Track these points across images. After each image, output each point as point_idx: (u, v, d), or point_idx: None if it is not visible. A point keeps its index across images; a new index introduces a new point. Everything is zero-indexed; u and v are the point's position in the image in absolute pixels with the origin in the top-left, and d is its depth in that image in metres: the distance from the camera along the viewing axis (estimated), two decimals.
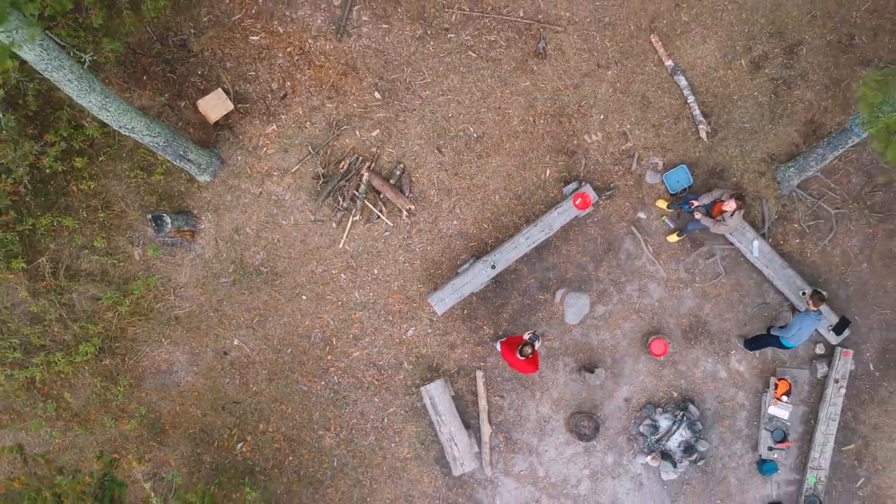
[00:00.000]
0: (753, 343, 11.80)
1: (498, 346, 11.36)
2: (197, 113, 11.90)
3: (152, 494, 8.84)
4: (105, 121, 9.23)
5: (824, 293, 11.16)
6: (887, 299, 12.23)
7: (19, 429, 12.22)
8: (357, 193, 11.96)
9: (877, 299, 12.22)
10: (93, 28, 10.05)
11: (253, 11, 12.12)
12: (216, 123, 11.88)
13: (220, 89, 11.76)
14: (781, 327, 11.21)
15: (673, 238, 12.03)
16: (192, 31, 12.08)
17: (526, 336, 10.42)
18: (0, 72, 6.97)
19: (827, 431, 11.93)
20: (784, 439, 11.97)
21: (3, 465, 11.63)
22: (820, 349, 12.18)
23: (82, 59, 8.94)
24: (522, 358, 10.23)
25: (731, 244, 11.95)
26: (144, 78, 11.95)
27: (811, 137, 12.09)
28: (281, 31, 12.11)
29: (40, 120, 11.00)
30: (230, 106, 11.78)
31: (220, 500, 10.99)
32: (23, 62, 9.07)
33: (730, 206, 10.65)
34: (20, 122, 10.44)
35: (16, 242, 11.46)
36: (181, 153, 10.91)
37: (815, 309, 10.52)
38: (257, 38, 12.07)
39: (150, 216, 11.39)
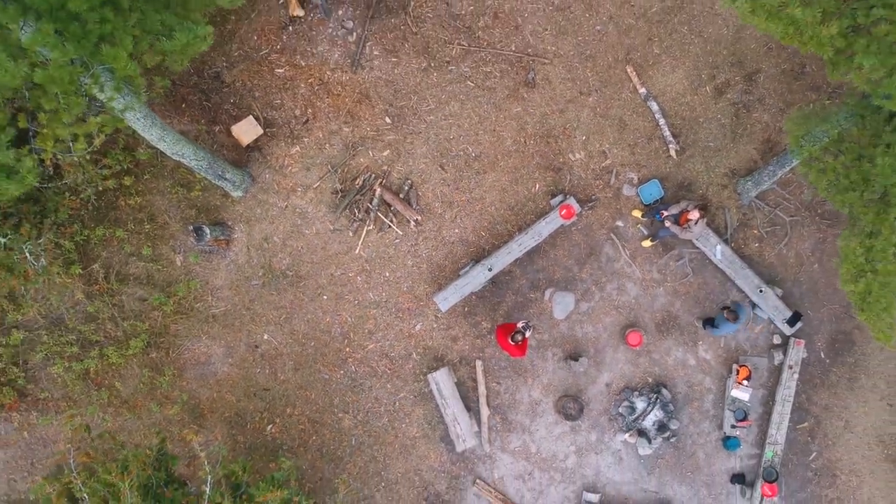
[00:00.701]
0: (706, 324, 13.61)
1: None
2: (230, 137, 13.61)
3: (206, 462, 10.53)
4: (161, 149, 10.94)
5: (737, 307, 12.91)
6: (836, 296, 13.94)
7: (75, 414, 13.92)
8: (371, 206, 13.67)
9: (826, 296, 13.94)
10: (147, 67, 11.75)
11: (278, 47, 13.83)
12: (248, 146, 13.59)
13: (251, 116, 13.48)
14: (714, 325, 13.13)
15: (647, 243, 13.75)
16: (224, 64, 13.78)
17: (519, 325, 12.15)
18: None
19: (783, 411, 13.65)
20: (745, 418, 13.69)
21: (73, 441, 13.30)
22: (777, 339, 13.91)
23: (140, 97, 10.62)
24: (513, 343, 11.96)
25: (698, 248, 13.67)
26: (183, 106, 13.66)
27: (768, 154, 13.81)
28: (303, 64, 13.82)
29: (101, 146, 12.70)
30: (260, 131, 13.49)
31: (256, 471, 12.67)
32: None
33: (694, 215, 12.38)
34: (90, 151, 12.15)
35: (73, 251, 13.17)
36: (220, 173, 12.62)
37: (733, 322, 12.46)
38: (282, 70, 13.78)
39: (191, 227, 13.12)
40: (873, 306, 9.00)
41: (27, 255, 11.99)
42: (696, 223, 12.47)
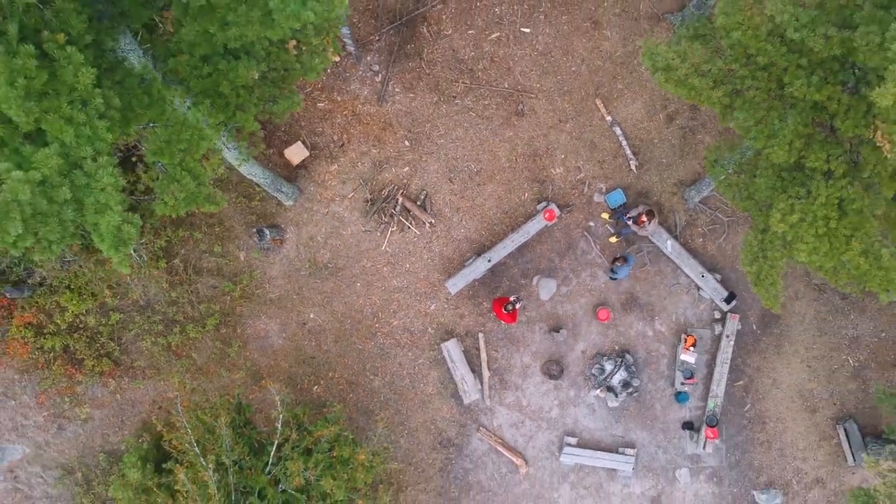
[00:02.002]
0: (611, 273, 17.10)
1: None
2: (283, 158, 17.18)
3: (278, 402, 14.09)
4: (243, 172, 14.50)
5: (626, 256, 16.58)
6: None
7: (159, 380, 17.51)
8: (394, 211, 17.25)
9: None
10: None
11: (319, 85, 17.40)
12: (297, 165, 17.16)
13: (299, 141, 17.06)
14: (614, 271, 16.72)
15: (613, 239, 17.35)
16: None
17: (511, 298, 15.77)
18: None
19: (722, 371, 17.27)
20: (691, 377, 17.32)
21: (179, 390, 16.79)
22: (717, 314, 17.53)
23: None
24: (506, 312, 15.61)
25: (653, 243, 17.28)
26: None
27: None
28: (339, 99, 17.40)
29: None
30: (306, 153, 17.06)
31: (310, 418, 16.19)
32: None
33: (643, 217, 16.01)
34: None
35: (160, 249, 16.73)
36: (277, 187, 16.20)
37: (623, 265, 16.34)
38: (323, 104, 17.36)
39: (254, 230, 16.70)
40: (764, 282, 12.59)
41: (132, 252, 15.53)
42: (649, 223, 16.09)
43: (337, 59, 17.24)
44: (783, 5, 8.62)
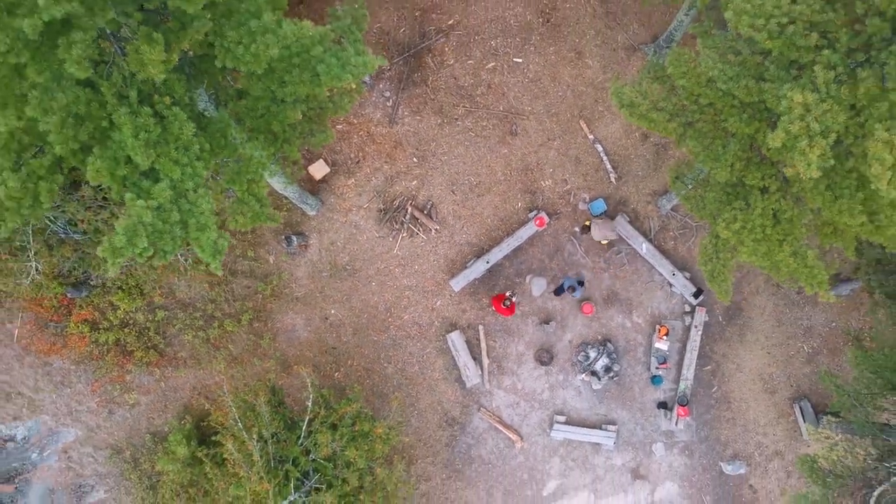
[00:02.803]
0: (556, 292, 19.53)
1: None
2: (307, 173, 19.65)
3: (308, 384, 16.55)
4: (276, 189, 16.96)
5: (572, 284, 19.03)
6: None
7: (199, 369, 19.97)
8: (404, 219, 19.73)
9: None
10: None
11: None
12: (319, 180, 19.64)
13: (321, 159, 19.53)
14: (557, 293, 19.22)
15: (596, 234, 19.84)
16: None
17: (507, 293, 18.27)
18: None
19: (691, 357, 19.76)
20: (665, 362, 19.80)
21: (226, 375, 19.22)
22: (687, 308, 20.01)
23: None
24: (504, 306, 18.10)
25: (631, 246, 19.77)
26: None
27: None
28: (355, 122, 19.87)
29: None
30: (327, 169, 19.54)
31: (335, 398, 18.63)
32: None
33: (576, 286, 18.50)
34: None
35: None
36: (303, 200, 18.68)
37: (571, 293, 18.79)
38: (341, 126, 19.84)
39: (283, 237, 19.18)
40: (717, 279, 15.08)
41: (179, 257, 18.00)
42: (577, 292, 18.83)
43: (353, 87, 19.72)
44: (713, 63, 11.09)
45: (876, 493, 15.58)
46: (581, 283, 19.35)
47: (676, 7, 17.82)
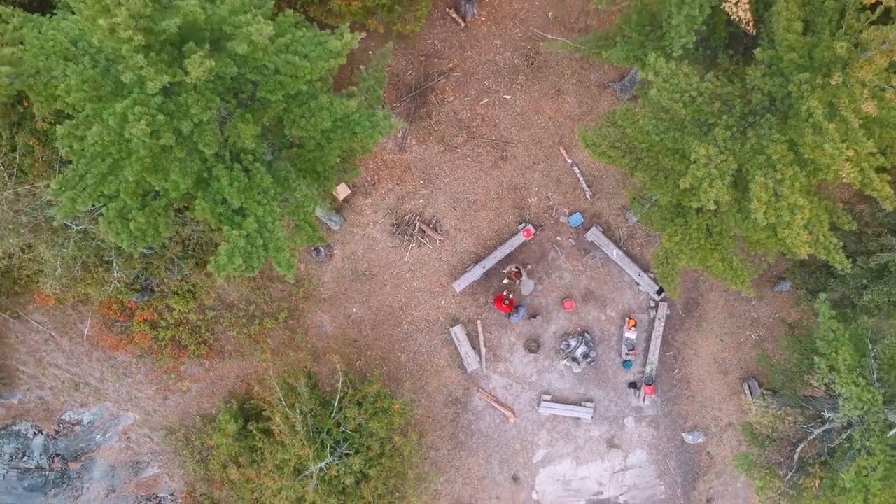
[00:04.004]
0: (510, 316, 23.31)
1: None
2: (331, 194, 23.41)
3: (339, 369, 20.30)
4: (317, 215, 20.72)
5: (517, 306, 22.79)
6: (687, 278, 23.82)
7: (242, 360, 23.73)
8: (413, 232, 23.50)
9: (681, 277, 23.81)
10: None
11: None
12: (342, 200, 23.42)
13: (343, 183, 23.30)
14: (509, 316, 22.95)
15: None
16: None
17: (504, 293, 22.10)
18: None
19: (656, 345, 23.56)
20: (633, 349, 23.60)
21: (271, 363, 22.97)
22: (651, 303, 23.81)
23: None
24: (505, 304, 21.95)
25: (603, 252, 23.55)
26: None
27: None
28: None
29: None
30: (349, 191, 23.31)
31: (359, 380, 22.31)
32: None
33: (515, 272, 22.28)
34: None
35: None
36: (329, 217, 22.46)
37: (516, 315, 22.47)
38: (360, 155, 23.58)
39: (312, 248, 22.95)
40: (667, 279, 18.88)
41: None
42: (519, 279, 22.43)
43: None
44: (649, 119, 14.87)
45: (798, 449, 19.37)
46: (520, 273, 23.02)
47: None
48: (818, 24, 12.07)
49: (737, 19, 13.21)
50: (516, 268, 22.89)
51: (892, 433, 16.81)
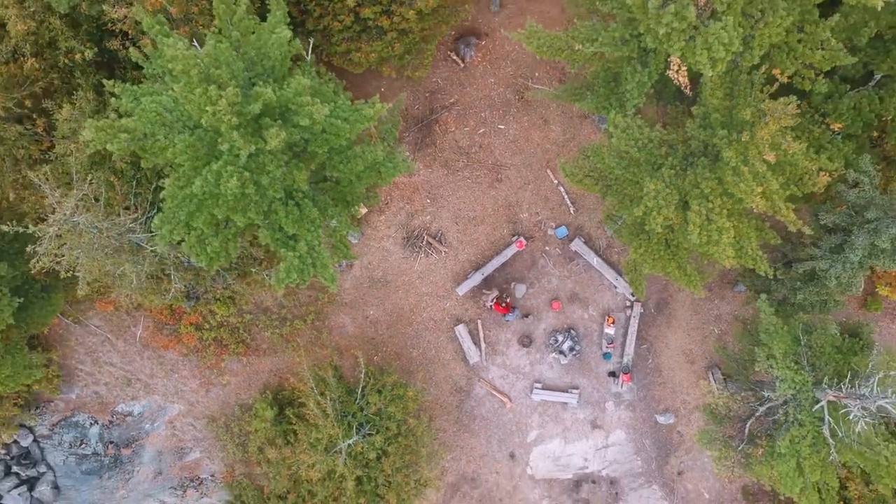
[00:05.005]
0: (506, 316, 27.15)
1: (490, 304, 26.69)
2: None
3: (362, 363, 24.05)
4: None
5: (512, 310, 26.62)
6: (658, 281, 27.64)
7: (275, 356, 27.52)
8: (422, 244, 27.30)
9: (654, 281, 27.66)
10: None
11: None
12: (359, 217, 27.19)
13: (361, 202, 27.06)
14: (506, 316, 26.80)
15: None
16: None
17: (503, 296, 25.93)
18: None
19: (631, 339, 27.38)
20: (612, 343, 27.44)
21: (303, 356, 26.76)
22: (628, 303, 27.64)
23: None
24: (503, 306, 25.77)
25: (586, 259, 27.37)
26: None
27: None
28: None
29: None
30: (366, 209, 27.09)
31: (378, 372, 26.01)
32: None
33: (498, 302, 26.13)
34: None
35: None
36: (351, 234, 26.23)
37: (511, 313, 26.23)
38: None
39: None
40: (634, 284, 22.70)
41: (265, 278, 25.50)
42: (508, 311, 26.23)
43: None
44: (612, 157, 18.64)
45: (748, 425, 23.19)
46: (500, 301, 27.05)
47: None
48: (735, 92, 15.88)
49: (678, 83, 16.99)
50: (497, 296, 26.78)
51: (817, 407, 20.64)
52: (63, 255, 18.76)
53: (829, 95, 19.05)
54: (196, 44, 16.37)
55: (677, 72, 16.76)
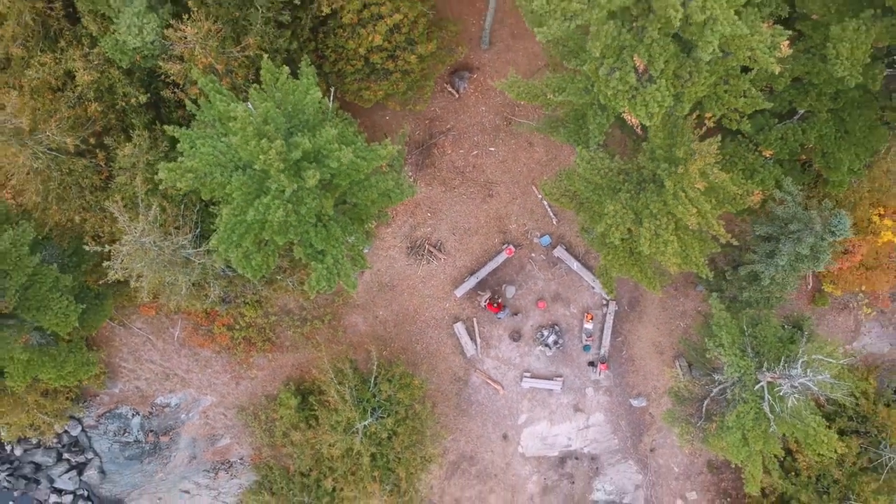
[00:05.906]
0: (497, 314, 31.17)
1: (484, 304, 30.73)
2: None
3: (374, 356, 27.97)
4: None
5: (504, 311, 30.66)
6: (630, 283, 31.64)
7: (297, 352, 31.51)
8: (423, 253, 31.27)
9: (625, 282, 31.68)
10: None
11: None
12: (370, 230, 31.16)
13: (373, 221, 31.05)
14: (498, 315, 30.83)
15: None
16: None
17: (496, 297, 29.96)
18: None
19: (607, 332, 31.39)
20: (591, 336, 31.45)
21: (324, 352, 30.77)
22: (604, 301, 31.64)
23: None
24: (495, 306, 29.78)
25: (566, 263, 31.36)
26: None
27: None
28: None
29: None
30: (374, 223, 31.06)
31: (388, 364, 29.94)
32: None
33: (491, 302, 30.18)
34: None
35: (298, 280, 30.68)
36: (365, 247, 30.21)
37: (503, 312, 30.28)
38: None
39: None
40: (606, 286, 26.71)
41: (289, 284, 29.46)
42: (500, 309, 30.27)
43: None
44: (580, 182, 22.62)
45: (704, 404, 27.21)
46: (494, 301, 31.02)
47: None
48: (674, 133, 19.91)
49: (631, 124, 20.98)
50: (490, 297, 30.77)
51: (758, 386, 24.66)
52: (129, 268, 22.72)
53: (760, 128, 23.10)
54: (251, 105, 20.27)
55: (630, 115, 20.74)
